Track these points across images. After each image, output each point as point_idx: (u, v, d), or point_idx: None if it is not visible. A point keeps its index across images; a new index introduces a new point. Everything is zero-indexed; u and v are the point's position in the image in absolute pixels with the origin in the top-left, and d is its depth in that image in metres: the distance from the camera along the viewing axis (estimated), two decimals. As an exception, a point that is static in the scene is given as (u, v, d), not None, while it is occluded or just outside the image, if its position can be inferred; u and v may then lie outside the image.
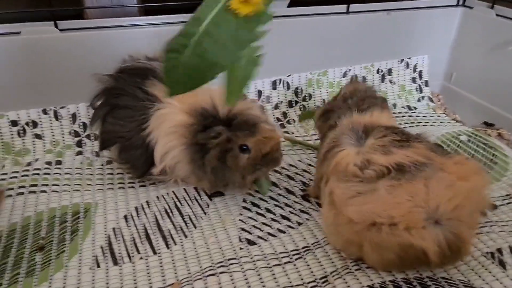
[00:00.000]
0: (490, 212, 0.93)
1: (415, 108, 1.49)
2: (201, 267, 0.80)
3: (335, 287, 0.76)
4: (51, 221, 0.90)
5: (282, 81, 1.39)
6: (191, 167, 0.93)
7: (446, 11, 1.53)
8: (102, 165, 1.11)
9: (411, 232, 0.68)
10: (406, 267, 0.77)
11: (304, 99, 1.42)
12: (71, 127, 1.17)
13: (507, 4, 1.39)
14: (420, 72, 1.56)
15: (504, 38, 1.37)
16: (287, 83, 1.39)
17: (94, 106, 1.01)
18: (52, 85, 1.14)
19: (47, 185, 1.01)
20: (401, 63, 1.54)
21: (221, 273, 0.79)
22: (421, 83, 1.56)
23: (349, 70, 1.47)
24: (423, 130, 1.31)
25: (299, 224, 0.92)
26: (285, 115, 1.38)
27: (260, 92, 1.36)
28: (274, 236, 0.88)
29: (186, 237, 0.88)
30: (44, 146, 1.14)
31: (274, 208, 0.96)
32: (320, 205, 0.97)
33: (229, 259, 0.82)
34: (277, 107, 1.38)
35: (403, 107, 1.49)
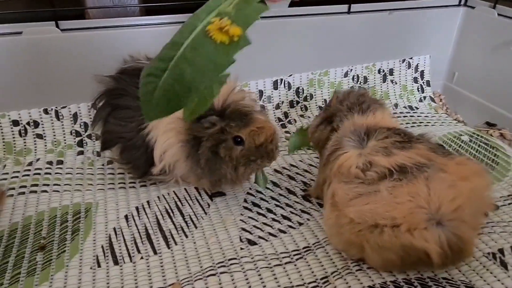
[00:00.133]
0: (491, 213, 0.93)
1: (417, 108, 1.49)
2: (201, 267, 0.80)
3: (336, 287, 0.75)
4: (52, 221, 0.91)
5: (283, 81, 1.38)
6: (189, 163, 0.93)
7: (448, 10, 1.52)
8: (103, 165, 1.11)
9: (413, 233, 0.67)
10: (408, 268, 0.77)
11: (305, 99, 1.41)
12: (72, 127, 1.17)
13: (509, 4, 1.38)
14: (422, 72, 1.56)
15: (506, 38, 1.36)
16: (288, 83, 1.39)
17: (95, 107, 1.01)
18: (54, 85, 1.14)
19: (48, 185, 1.01)
20: (402, 63, 1.53)
21: (221, 273, 0.79)
22: (423, 83, 1.55)
23: (351, 70, 1.47)
24: (424, 130, 1.31)
25: (300, 224, 0.91)
26: (286, 115, 1.38)
27: (261, 92, 1.36)
28: (275, 236, 0.88)
29: (186, 237, 0.88)
30: (45, 146, 1.14)
31: (275, 208, 0.96)
32: (321, 205, 0.97)
33: (230, 259, 0.81)
34: (278, 107, 1.38)
35: (404, 107, 1.49)
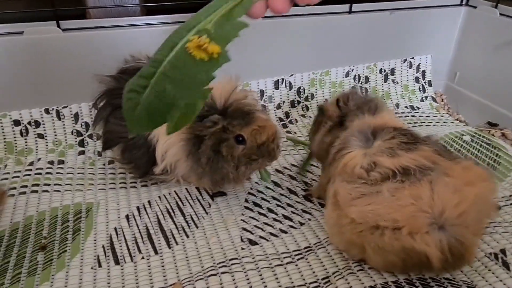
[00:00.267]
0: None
1: (418, 108, 1.49)
2: (202, 267, 0.80)
3: (337, 287, 0.75)
4: (53, 221, 0.91)
5: (284, 80, 1.38)
6: (190, 163, 0.93)
7: (450, 10, 1.52)
8: (104, 164, 1.11)
9: (415, 237, 0.67)
10: (409, 269, 0.76)
11: (306, 98, 1.41)
12: (74, 126, 1.17)
13: (511, 3, 1.38)
14: (424, 72, 1.55)
15: (508, 38, 1.36)
16: (290, 82, 1.39)
17: (97, 107, 1.01)
18: (55, 85, 1.14)
19: (49, 185, 1.01)
20: (404, 62, 1.53)
21: (222, 273, 0.78)
22: (424, 83, 1.55)
23: (352, 70, 1.46)
24: (426, 130, 1.31)
25: (301, 224, 0.91)
26: (287, 115, 1.38)
27: (262, 91, 1.36)
28: (276, 236, 0.88)
29: (187, 237, 0.88)
30: (47, 145, 1.14)
31: (276, 208, 0.96)
32: (323, 205, 0.97)
33: (231, 259, 0.81)
34: (279, 107, 1.38)
35: (406, 107, 1.48)
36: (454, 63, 1.59)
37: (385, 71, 1.51)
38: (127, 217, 0.92)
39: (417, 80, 1.55)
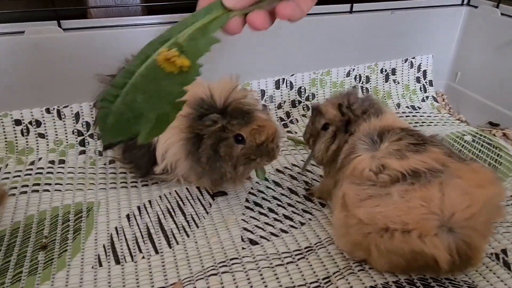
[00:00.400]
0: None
1: (419, 108, 1.48)
2: (203, 266, 0.80)
3: (337, 287, 0.75)
4: (53, 220, 0.91)
5: (285, 80, 1.38)
6: (189, 162, 0.93)
7: (451, 10, 1.52)
8: (105, 164, 1.11)
9: (424, 239, 0.66)
10: (413, 271, 0.76)
11: (307, 98, 1.41)
12: (74, 126, 1.17)
13: (512, 3, 1.38)
14: (425, 72, 1.55)
15: (509, 37, 1.36)
16: (291, 82, 1.39)
17: (97, 107, 1.01)
18: (56, 84, 1.14)
19: (50, 184, 1.01)
20: (405, 62, 1.53)
21: (223, 273, 0.78)
22: (426, 82, 1.55)
23: (353, 69, 1.46)
24: (427, 130, 1.30)
25: (302, 224, 0.91)
26: (288, 114, 1.38)
27: (263, 91, 1.36)
28: (277, 236, 0.88)
29: (188, 236, 0.88)
30: (47, 145, 1.14)
31: (277, 208, 0.96)
32: (323, 205, 0.97)
33: (231, 259, 0.81)
34: (280, 106, 1.38)
35: (407, 107, 1.48)
36: (455, 63, 1.59)
37: (386, 71, 1.51)
38: (127, 216, 0.92)
39: (418, 80, 1.54)
